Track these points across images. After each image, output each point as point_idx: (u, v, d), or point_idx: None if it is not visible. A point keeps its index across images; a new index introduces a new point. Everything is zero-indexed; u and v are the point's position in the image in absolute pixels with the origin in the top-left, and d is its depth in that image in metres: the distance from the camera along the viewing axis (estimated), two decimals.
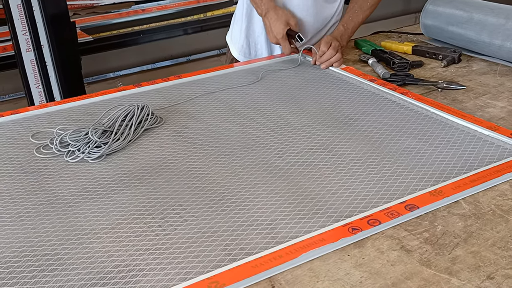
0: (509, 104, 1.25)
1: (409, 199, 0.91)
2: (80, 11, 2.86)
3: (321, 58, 1.52)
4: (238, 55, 1.74)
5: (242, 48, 1.73)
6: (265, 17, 1.57)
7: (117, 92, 1.41)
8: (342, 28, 1.60)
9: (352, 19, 1.62)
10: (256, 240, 0.83)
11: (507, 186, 0.94)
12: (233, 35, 1.77)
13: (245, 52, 1.73)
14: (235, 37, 1.75)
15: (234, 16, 1.78)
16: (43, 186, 1.00)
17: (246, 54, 1.73)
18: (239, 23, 1.72)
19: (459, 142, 1.10)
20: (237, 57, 1.75)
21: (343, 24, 1.61)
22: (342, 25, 1.61)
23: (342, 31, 1.59)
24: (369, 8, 1.63)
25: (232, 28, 1.79)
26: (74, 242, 0.84)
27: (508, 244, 0.80)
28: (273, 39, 1.57)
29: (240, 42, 1.73)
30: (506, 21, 1.48)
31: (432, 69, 1.50)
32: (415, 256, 0.78)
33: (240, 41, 1.72)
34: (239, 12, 1.73)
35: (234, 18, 1.78)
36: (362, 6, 1.62)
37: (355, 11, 1.62)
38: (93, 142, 1.10)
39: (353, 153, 1.08)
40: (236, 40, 1.74)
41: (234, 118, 1.25)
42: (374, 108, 1.27)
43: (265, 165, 1.04)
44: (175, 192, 0.96)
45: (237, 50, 1.74)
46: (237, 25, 1.73)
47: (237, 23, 1.74)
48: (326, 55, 1.51)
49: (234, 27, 1.77)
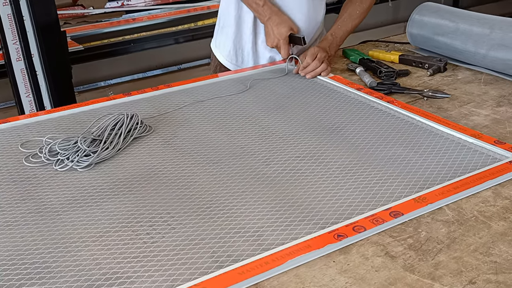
0: (493, 113, 1.27)
1: (394, 206, 0.92)
2: (71, 20, 2.87)
3: (305, 69, 1.54)
4: (225, 61, 1.75)
5: (229, 54, 1.73)
6: (268, 21, 1.57)
7: (107, 101, 1.42)
8: (330, 37, 1.61)
9: (340, 27, 1.63)
10: (243, 247, 0.84)
11: (489, 193, 0.96)
12: (218, 41, 1.77)
13: (232, 59, 1.73)
14: (221, 44, 1.75)
15: (218, 23, 1.77)
16: (31, 195, 1.00)
17: (233, 61, 1.73)
18: (227, 30, 1.72)
19: (444, 150, 1.12)
20: (224, 63, 1.75)
21: (332, 33, 1.62)
22: (331, 34, 1.62)
23: (330, 40, 1.61)
24: (358, 16, 1.65)
25: (217, 35, 1.78)
26: (62, 250, 0.85)
27: (490, 250, 0.81)
28: (274, 41, 1.57)
29: (227, 49, 1.73)
30: (491, 31, 1.50)
31: (418, 78, 1.52)
32: (399, 262, 0.80)
33: (227, 47, 1.72)
34: (226, 18, 1.72)
35: (220, 24, 1.77)
36: (352, 14, 1.63)
37: (344, 20, 1.63)
38: (82, 150, 1.11)
39: (340, 160, 1.09)
40: (223, 47, 1.74)
41: (223, 126, 1.26)
42: (361, 117, 1.29)
43: (253, 173, 1.06)
44: (163, 200, 0.97)
45: (224, 56, 1.75)
46: (224, 31, 1.73)
47: (224, 30, 1.74)
48: (311, 66, 1.53)
49: (220, 34, 1.76)
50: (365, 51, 1.73)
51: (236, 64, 1.73)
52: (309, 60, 1.54)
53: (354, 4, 1.65)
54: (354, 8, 1.64)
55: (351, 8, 1.65)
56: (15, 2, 2.14)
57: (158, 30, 2.92)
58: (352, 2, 1.66)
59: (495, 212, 0.91)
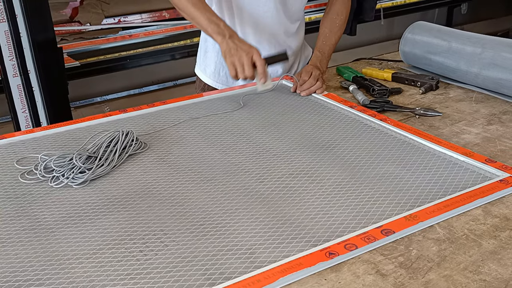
0: (484, 131, 1.29)
1: (385, 224, 0.93)
2: (68, 36, 2.89)
3: (302, 87, 1.55)
4: (211, 81, 1.76)
5: (215, 74, 1.74)
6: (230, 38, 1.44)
7: (102, 118, 1.43)
8: (318, 53, 1.64)
9: (325, 43, 1.66)
10: (235, 265, 0.85)
11: (479, 211, 0.97)
12: (203, 66, 1.78)
13: (222, 80, 1.74)
14: (209, 68, 1.76)
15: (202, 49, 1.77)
16: (26, 212, 1.01)
17: (224, 82, 1.74)
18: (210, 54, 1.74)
19: (435, 168, 1.13)
20: (211, 83, 1.76)
21: (319, 50, 1.65)
22: (318, 51, 1.64)
23: (319, 56, 1.63)
24: (338, 29, 1.68)
25: (203, 59, 1.78)
26: (56, 267, 0.85)
27: (479, 268, 0.82)
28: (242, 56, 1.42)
29: (211, 70, 1.74)
30: (482, 50, 1.53)
31: (410, 96, 1.54)
32: (389, 280, 0.80)
33: (212, 68, 1.74)
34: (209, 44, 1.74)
35: (203, 49, 1.77)
36: (332, 29, 1.67)
37: (326, 35, 1.66)
38: (78, 167, 1.12)
39: (333, 178, 1.10)
40: (211, 71, 1.75)
41: (217, 143, 1.27)
42: (354, 134, 1.30)
43: (246, 190, 1.07)
44: (157, 218, 0.98)
45: (213, 79, 1.76)
46: (208, 55, 1.75)
47: (207, 54, 1.75)
48: (307, 83, 1.55)
49: (206, 58, 1.77)
50: (358, 69, 1.75)
51: (227, 84, 1.74)
52: (305, 77, 1.56)
53: (332, 18, 1.68)
54: (332, 22, 1.67)
55: (329, 23, 1.68)
56: (12, 19, 2.16)
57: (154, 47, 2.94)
58: (329, 17, 1.69)
59: (485, 230, 0.92)
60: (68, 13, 3.00)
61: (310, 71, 1.57)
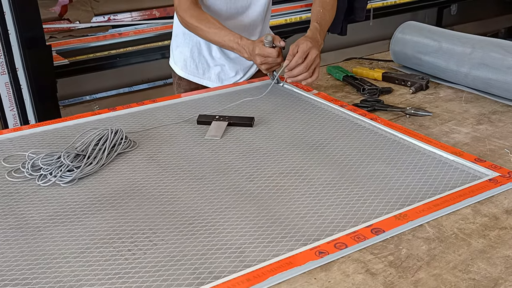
0: (473, 130, 1.30)
1: (375, 223, 0.93)
2: (57, 34, 2.87)
3: (291, 72, 1.42)
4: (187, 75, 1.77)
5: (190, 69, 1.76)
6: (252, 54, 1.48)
7: (91, 116, 1.41)
8: (316, 24, 1.52)
9: (321, 17, 1.56)
10: (225, 264, 0.84)
11: (469, 210, 0.97)
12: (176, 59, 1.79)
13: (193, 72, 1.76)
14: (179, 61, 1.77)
15: (173, 43, 1.80)
16: (13, 210, 1.00)
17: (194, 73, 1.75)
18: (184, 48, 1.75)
19: (425, 167, 1.13)
20: (187, 77, 1.77)
21: (316, 21, 1.53)
22: (316, 22, 1.53)
23: (317, 28, 1.51)
24: (331, 7, 1.61)
25: (174, 53, 1.80)
26: (43, 266, 0.84)
27: (468, 267, 0.82)
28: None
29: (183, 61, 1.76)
30: (472, 51, 1.53)
31: (400, 95, 1.54)
32: (379, 279, 0.80)
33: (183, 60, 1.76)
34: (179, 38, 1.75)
35: (174, 44, 1.79)
36: (325, 7, 1.59)
37: (320, 12, 1.58)
38: (65, 166, 1.11)
39: (323, 177, 1.10)
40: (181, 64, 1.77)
41: (207, 142, 1.27)
42: (344, 133, 1.30)
43: (236, 189, 1.06)
44: (146, 216, 0.97)
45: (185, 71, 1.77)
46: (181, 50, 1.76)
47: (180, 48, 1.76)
48: (297, 69, 1.40)
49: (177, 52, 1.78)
50: (349, 68, 1.75)
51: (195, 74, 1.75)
52: (299, 60, 1.40)
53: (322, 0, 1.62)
54: (323, 2, 1.60)
55: (321, 2, 1.60)
56: (0, 16, 2.14)
57: (144, 45, 2.92)
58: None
59: (474, 229, 0.92)
60: (57, 10, 2.97)
61: (307, 51, 1.40)
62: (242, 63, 1.75)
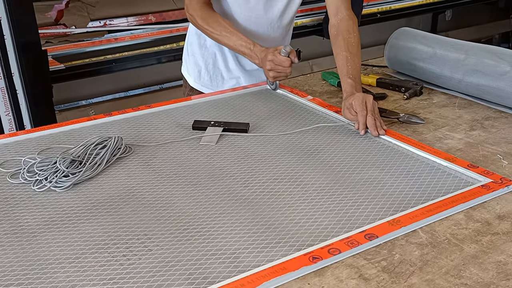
0: (466, 136, 1.31)
1: (369, 229, 0.94)
2: (53, 39, 2.87)
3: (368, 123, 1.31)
4: (201, 87, 1.76)
5: (204, 80, 1.75)
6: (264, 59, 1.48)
7: (87, 121, 1.42)
8: (350, 80, 1.41)
9: (351, 66, 1.44)
10: (219, 269, 0.85)
11: (461, 216, 0.98)
12: (190, 68, 1.79)
13: (206, 84, 1.75)
14: (193, 71, 1.77)
15: (188, 52, 1.79)
16: (8, 215, 1.00)
17: (208, 85, 1.75)
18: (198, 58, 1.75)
19: (419, 173, 1.14)
20: (196, 87, 1.77)
21: (349, 76, 1.42)
22: (349, 78, 1.41)
23: (352, 84, 1.40)
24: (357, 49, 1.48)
25: (188, 62, 1.80)
26: (38, 272, 0.84)
27: (460, 272, 0.83)
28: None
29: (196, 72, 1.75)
30: (465, 57, 1.55)
31: (395, 101, 1.55)
32: (372, 285, 0.81)
33: (197, 71, 1.75)
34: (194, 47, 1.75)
35: (189, 53, 1.78)
36: (351, 50, 1.47)
37: (347, 58, 1.45)
38: (61, 171, 1.11)
39: (317, 183, 1.11)
40: (195, 75, 1.76)
41: (202, 148, 1.27)
42: (338, 139, 1.31)
43: (231, 195, 1.07)
44: (141, 222, 0.98)
45: (198, 83, 1.76)
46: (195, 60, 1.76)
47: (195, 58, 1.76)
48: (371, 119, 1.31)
49: (190, 61, 1.77)
50: None
51: (209, 86, 1.75)
52: (363, 112, 1.31)
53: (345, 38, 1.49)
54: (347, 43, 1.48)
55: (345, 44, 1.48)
56: None
57: (140, 50, 2.93)
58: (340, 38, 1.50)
59: (467, 235, 0.93)
60: (53, 15, 2.98)
61: (363, 101, 1.32)
62: (258, 77, 1.74)
